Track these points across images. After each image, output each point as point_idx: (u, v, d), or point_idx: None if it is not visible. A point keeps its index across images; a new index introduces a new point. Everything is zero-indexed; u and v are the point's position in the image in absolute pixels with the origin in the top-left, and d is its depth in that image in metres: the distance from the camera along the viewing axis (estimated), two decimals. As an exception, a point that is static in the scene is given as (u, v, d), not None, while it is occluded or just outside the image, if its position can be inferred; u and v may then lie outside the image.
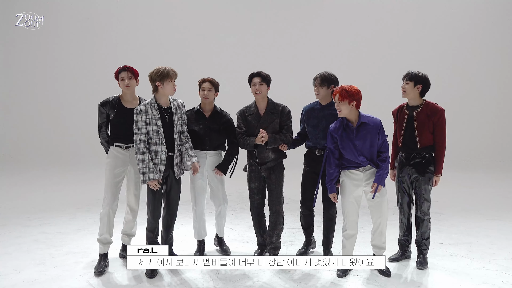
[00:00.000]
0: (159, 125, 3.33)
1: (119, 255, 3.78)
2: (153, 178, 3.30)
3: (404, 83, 3.55)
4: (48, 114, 9.53)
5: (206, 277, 3.39)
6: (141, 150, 3.30)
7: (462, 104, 9.15)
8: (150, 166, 3.30)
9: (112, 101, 3.56)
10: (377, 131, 3.30)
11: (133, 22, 9.53)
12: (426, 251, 3.62)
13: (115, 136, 3.56)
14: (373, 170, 3.36)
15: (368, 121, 3.31)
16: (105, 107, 3.55)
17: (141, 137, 3.31)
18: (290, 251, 4.01)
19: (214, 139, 3.77)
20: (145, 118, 3.31)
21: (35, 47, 9.53)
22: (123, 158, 3.53)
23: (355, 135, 3.30)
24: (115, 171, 3.51)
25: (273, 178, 3.68)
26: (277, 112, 3.66)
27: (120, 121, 3.53)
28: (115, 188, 3.52)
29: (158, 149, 3.34)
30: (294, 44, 9.47)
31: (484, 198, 6.51)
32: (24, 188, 7.15)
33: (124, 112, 3.53)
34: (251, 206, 3.86)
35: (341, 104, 3.27)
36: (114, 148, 3.55)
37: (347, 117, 3.33)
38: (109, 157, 3.56)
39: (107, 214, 3.49)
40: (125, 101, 3.59)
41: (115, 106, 3.54)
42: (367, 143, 3.30)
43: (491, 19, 9.32)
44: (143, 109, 3.32)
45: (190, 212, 4.04)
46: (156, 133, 3.33)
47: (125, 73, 3.54)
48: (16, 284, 3.24)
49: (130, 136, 3.40)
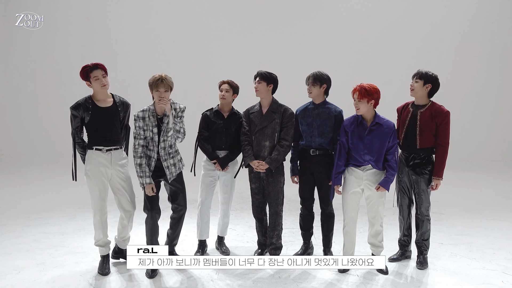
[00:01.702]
0: (154, 132, 3.36)
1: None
2: (149, 183, 3.35)
3: (414, 81, 3.54)
4: (48, 114, 9.52)
5: (206, 277, 3.39)
6: (139, 155, 3.36)
7: (463, 104, 9.15)
8: (146, 170, 3.36)
9: (84, 103, 3.34)
10: (389, 135, 3.33)
11: (133, 22, 9.52)
12: (426, 252, 3.62)
13: (93, 139, 3.38)
14: (373, 171, 3.38)
15: (383, 123, 3.35)
16: (78, 110, 3.33)
17: (139, 141, 3.37)
18: (290, 251, 4.01)
19: (229, 140, 3.83)
20: (142, 125, 3.35)
21: (35, 47, 9.52)
22: (104, 162, 3.38)
23: (367, 133, 3.33)
24: (98, 177, 3.37)
25: (270, 180, 3.68)
26: (278, 112, 3.67)
27: (97, 122, 3.35)
28: (102, 193, 3.40)
29: (151, 155, 3.40)
30: (294, 44, 9.47)
31: (484, 198, 6.51)
32: (24, 188, 7.15)
33: (100, 112, 3.35)
34: (252, 206, 3.87)
35: (360, 103, 3.30)
36: (93, 152, 3.37)
37: (363, 115, 3.36)
38: (89, 163, 3.38)
39: (99, 221, 3.43)
40: (98, 100, 3.39)
41: (89, 108, 3.34)
42: (376, 144, 3.33)
43: (492, 19, 9.32)
44: (141, 115, 3.35)
45: (189, 212, 4.04)
46: (151, 140, 3.38)
47: (99, 71, 3.30)
48: (16, 284, 3.24)
49: (109, 138, 3.38)
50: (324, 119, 3.63)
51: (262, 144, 3.66)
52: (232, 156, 3.85)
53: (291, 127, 3.68)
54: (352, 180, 3.43)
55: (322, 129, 3.63)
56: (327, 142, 3.64)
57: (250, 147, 3.71)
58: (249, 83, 3.90)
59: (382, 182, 3.36)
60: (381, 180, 3.37)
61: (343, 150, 3.45)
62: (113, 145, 3.42)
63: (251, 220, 3.92)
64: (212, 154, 3.81)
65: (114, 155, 3.43)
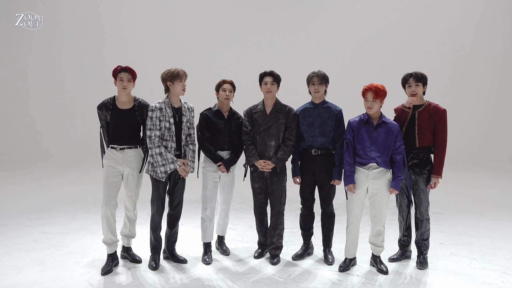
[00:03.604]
0: (171, 122, 3.49)
1: (120, 255, 3.78)
2: (175, 168, 3.46)
3: (414, 85, 3.56)
4: (48, 114, 9.53)
5: (207, 276, 3.39)
6: (156, 144, 3.45)
7: (463, 104, 9.15)
8: (168, 157, 3.45)
9: (107, 103, 3.52)
10: (395, 134, 3.38)
11: (133, 22, 9.53)
12: (426, 252, 3.62)
13: (111, 137, 3.55)
14: (379, 170, 3.38)
15: (389, 122, 3.42)
16: (101, 110, 3.52)
17: (155, 132, 3.46)
18: (290, 251, 4.01)
19: (231, 140, 3.82)
20: (159, 115, 3.47)
21: (35, 47, 9.53)
22: (117, 159, 3.50)
23: (373, 130, 3.39)
24: (110, 172, 3.49)
25: (274, 179, 3.69)
26: (283, 112, 3.67)
27: (114, 123, 3.50)
28: (111, 188, 3.50)
29: (168, 145, 3.51)
30: (294, 44, 9.47)
31: (484, 198, 6.51)
32: (24, 188, 7.15)
33: (118, 113, 3.50)
34: (254, 206, 3.87)
35: (374, 103, 3.36)
36: (109, 149, 3.54)
37: (370, 114, 3.43)
38: (105, 158, 3.56)
39: (105, 214, 3.50)
40: (119, 102, 3.54)
41: (110, 108, 3.50)
42: (383, 141, 3.37)
43: (492, 19, 9.32)
44: (158, 106, 3.48)
45: (189, 212, 4.05)
46: (167, 130, 3.49)
47: (125, 74, 3.49)
48: (16, 284, 3.24)
49: (125, 138, 3.50)
50: (325, 119, 3.64)
51: (268, 143, 3.66)
52: (236, 157, 3.85)
53: (295, 127, 3.69)
54: (357, 179, 3.45)
55: (323, 129, 3.63)
56: (329, 142, 3.64)
57: (254, 147, 3.71)
58: (249, 83, 3.90)
59: (393, 184, 3.39)
60: (391, 183, 3.40)
61: (350, 147, 3.48)
62: (126, 144, 3.52)
63: (251, 220, 3.92)
64: (216, 156, 3.76)
65: (128, 153, 3.52)
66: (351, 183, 3.44)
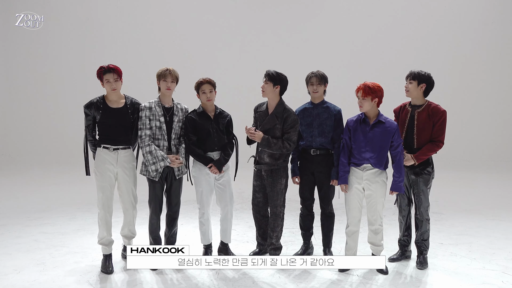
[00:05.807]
0: (161, 121, 3.47)
1: (121, 255, 3.78)
2: (165, 165, 3.43)
3: (408, 82, 3.55)
4: (48, 114, 9.52)
5: (206, 277, 3.39)
6: (146, 143, 3.43)
7: (463, 104, 9.14)
8: (158, 154, 3.42)
9: (96, 102, 3.46)
10: (391, 134, 3.35)
11: (133, 22, 9.53)
12: (426, 252, 3.62)
13: (102, 137, 3.48)
14: (373, 171, 3.37)
15: (386, 122, 3.38)
16: (90, 109, 3.45)
17: (145, 132, 3.44)
18: (290, 251, 4.01)
19: (221, 140, 3.68)
20: (148, 114, 3.45)
21: (35, 47, 9.52)
22: (111, 160, 3.45)
23: (369, 129, 3.37)
24: (105, 173, 3.44)
25: (269, 180, 3.64)
26: (281, 118, 3.56)
27: (106, 122, 3.44)
28: (107, 190, 3.46)
29: (160, 144, 3.49)
30: (294, 44, 9.47)
31: (484, 198, 6.51)
32: (24, 188, 7.15)
33: (110, 112, 3.45)
34: (252, 204, 3.86)
35: (364, 101, 3.32)
36: (101, 149, 3.46)
37: (366, 113, 3.39)
38: (97, 160, 3.48)
39: (103, 217, 3.48)
40: (110, 101, 3.48)
41: (100, 107, 3.44)
42: (378, 141, 3.35)
43: (492, 19, 9.32)
44: (147, 105, 3.48)
45: (189, 212, 4.05)
46: (159, 129, 3.47)
47: (110, 75, 3.38)
48: (16, 284, 3.24)
49: (117, 137, 3.46)
50: (324, 119, 3.63)
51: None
52: (226, 157, 3.69)
53: (294, 134, 3.55)
54: (353, 180, 3.44)
55: (322, 129, 3.63)
56: (328, 142, 3.64)
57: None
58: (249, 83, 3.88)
59: (393, 187, 3.38)
60: (391, 186, 3.39)
61: (346, 147, 3.47)
62: (120, 145, 3.48)
63: (251, 220, 3.92)
64: (206, 158, 3.61)
65: (121, 154, 3.48)
66: (344, 183, 3.46)
